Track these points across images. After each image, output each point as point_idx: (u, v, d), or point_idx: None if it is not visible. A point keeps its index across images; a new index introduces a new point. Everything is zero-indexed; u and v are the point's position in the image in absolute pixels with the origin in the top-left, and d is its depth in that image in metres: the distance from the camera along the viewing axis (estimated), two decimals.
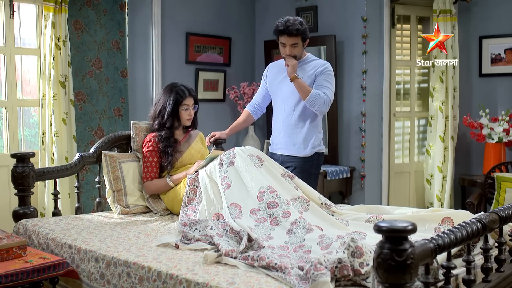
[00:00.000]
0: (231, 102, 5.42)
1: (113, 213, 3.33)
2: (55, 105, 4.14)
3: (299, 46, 3.56)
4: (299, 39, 3.53)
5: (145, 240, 2.67)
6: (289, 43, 3.52)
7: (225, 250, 2.31)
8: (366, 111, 4.96)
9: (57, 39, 4.12)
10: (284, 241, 2.54)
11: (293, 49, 3.55)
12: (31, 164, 3.16)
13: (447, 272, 1.93)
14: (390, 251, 1.59)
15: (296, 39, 3.52)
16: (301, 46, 3.59)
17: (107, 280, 2.44)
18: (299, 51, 3.58)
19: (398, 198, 5.11)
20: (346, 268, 1.97)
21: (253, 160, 3.04)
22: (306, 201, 2.89)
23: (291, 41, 3.51)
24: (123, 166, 3.39)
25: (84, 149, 4.49)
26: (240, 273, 2.14)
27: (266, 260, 2.15)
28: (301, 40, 3.55)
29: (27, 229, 2.97)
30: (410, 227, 1.60)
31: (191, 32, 5.10)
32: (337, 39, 5.01)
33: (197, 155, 3.47)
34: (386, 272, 1.59)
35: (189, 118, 3.43)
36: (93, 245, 2.60)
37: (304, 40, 3.57)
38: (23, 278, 2.41)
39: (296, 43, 3.53)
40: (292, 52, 3.56)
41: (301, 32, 3.52)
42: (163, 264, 2.27)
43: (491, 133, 4.72)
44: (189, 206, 3.05)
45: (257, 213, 2.77)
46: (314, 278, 1.90)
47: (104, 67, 4.64)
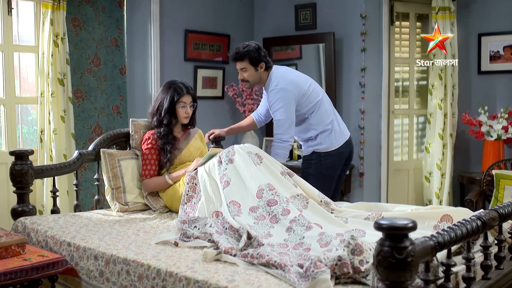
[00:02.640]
0: (230, 99, 5.41)
1: (112, 210, 3.33)
2: (53, 103, 4.12)
3: (248, 70, 3.60)
4: (245, 63, 3.58)
5: (144, 238, 2.66)
6: (238, 67, 3.65)
7: (224, 247, 2.31)
8: (365, 109, 4.95)
9: (55, 36, 4.10)
10: (283, 239, 2.54)
11: (243, 73, 3.64)
12: (30, 161, 3.15)
13: (447, 270, 1.93)
14: (390, 249, 1.59)
15: (242, 63, 3.60)
16: (253, 70, 3.60)
17: (106, 278, 2.44)
18: (249, 76, 3.62)
19: (397, 196, 5.11)
20: (346, 265, 1.97)
21: (252, 158, 3.04)
22: (306, 199, 2.89)
23: (239, 66, 3.63)
24: (122, 163, 3.38)
25: (83, 146, 4.48)
26: (240, 271, 2.13)
27: (266, 257, 2.15)
28: (249, 63, 3.58)
29: (25, 226, 2.96)
30: (411, 224, 1.60)
31: (189, 29, 5.09)
32: (336, 36, 5.01)
33: (196, 153, 3.47)
34: (386, 270, 1.59)
35: (186, 116, 3.42)
36: (92, 243, 2.60)
37: (252, 63, 3.58)
38: (22, 276, 2.41)
39: (244, 67, 3.60)
40: (243, 76, 3.64)
41: (242, 55, 3.57)
42: (162, 261, 2.26)
43: (490, 130, 4.72)
44: (188, 204, 3.04)
45: (257, 211, 2.76)
46: (314, 275, 1.90)
47: (103, 64, 4.62)
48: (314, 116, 3.62)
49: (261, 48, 3.64)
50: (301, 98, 3.57)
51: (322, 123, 3.63)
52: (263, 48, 3.67)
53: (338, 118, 3.78)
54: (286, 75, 3.64)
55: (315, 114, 3.62)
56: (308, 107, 3.60)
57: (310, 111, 3.61)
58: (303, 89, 3.59)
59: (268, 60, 3.66)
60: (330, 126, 3.64)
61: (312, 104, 3.61)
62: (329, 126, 3.63)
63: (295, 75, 3.74)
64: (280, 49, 5.50)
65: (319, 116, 3.63)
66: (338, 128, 3.69)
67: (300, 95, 3.57)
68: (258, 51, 3.58)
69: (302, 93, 3.58)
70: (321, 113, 3.63)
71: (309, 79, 3.72)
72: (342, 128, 3.74)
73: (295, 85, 3.57)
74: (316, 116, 3.62)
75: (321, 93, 3.71)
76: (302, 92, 3.58)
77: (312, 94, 3.62)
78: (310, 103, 3.60)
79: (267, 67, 3.63)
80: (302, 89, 3.59)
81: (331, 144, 3.63)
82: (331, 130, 3.64)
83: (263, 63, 3.60)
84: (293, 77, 3.64)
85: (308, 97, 3.60)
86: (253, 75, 3.62)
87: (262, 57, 3.60)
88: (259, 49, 3.60)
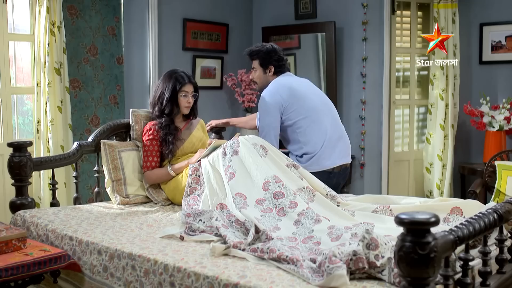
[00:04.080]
0: (229, 89, 5.33)
1: (112, 203, 3.26)
2: (50, 93, 4.03)
3: (257, 71, 3.53)
4: (256, 63, 3.53)
5: (148, 232, 2.60)
6: (251, 67, 3.58)
7: (233, 242, 2.25)
8: (366, 99, 4.90)
9: (51, 25, 4.00)
10: (292, 232, 2.48)
11: (252, 73, 3.59)
12: (28, 153, 3.06)
13: (464, 264, 1.88)
14: (412, 244, 1.54)
15: (253, 62, 3.54)
16: (261, 72, 3.52)
17: (110, 273, 2.37)
18: (257, 77, 3.55)
19: (397, 187, 5.07)
20: (361, 260, 1.92)
21: (258, 149, 2.97)
22: (312, 192, 2.83)
23: (252, 64, 3.56)
24: (122, 155, 3.31)
25: (80, 137, 4.40)
26: (250, 266, 2.08)
27: (277, 252, 2.09)
28: (258, 64, 3.51)
29: (25, 220, 2.88)
30: (433, 219, 1.55)
31: (188, 18, 4.99)
32: (337, 25, 4.93)
33: (199, 144, 3.40)
34: (408, 266, 1.54)
35: (187, 106, 3.35)
36: (95, 237, 2.53)
37: (261, 64, 3.50)
38: (24, 271, 2.34)
39: (254, 67, 3.54)
40: (252, 76, 3.60)
41: (252, 54, 3.51)
42: (169, 256, 2.20)
43: (492, 121, 4.68)
44: (191, 196, 2.98)
45: (263, 203, 2.70)
46: (330, 271, 1.84)
47: (100, 53, 4.53)
48: (302, 133, 3.37)
49: (277, 52, 3.50)
50: (286, 106, 3.36)
51: (309, 145, 3.36)
52: (280, 53, 3.51)
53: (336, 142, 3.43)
54: (280, 82, 3.45)
55: (304, 131, 3.37)
56: (296, 119, 3.36)
57: (298, 126, 3.37)
58: (291, 98, 3.37)
59: (281, 65, 3.50)
60: (319, 150, 3.35)
61: (301, 118, 3.36)
62: (317, 150, 3.35)
63: (291, 83, 3.47)
64: (279, 39, 5.41)
65: (308, 134, 3.36)
66: (329, 154, 3.37)
67: (286, 103, 3.36)
68: (269, 54, 3.48)
69: (288, 102, 3.36)
70: (313, 131, 3.36)
71: (307, 91, 3.46)
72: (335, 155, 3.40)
73: (282, 93, 3.37)
74: (304, 134, 3.37)
75: (318, 110, 3.41)
76: (289, 101, 3.36)
77: (302, 107, 3.37)
78: (299, 116, 3.36)
79: (276, 71, 3.50)
80: (289, 98, 3.37)
81: (318, 166, 3.34)
82: (319, 155, 3.35)
83: (273, 66, 3.49)
84: (290, 81, 3.46)
85: (297, 109, 3.36)
86: (260, 77, 3.54)
87: (273, 61, 3.48)
88: (272, 52, 3.48)
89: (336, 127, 3.47)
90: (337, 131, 3.47)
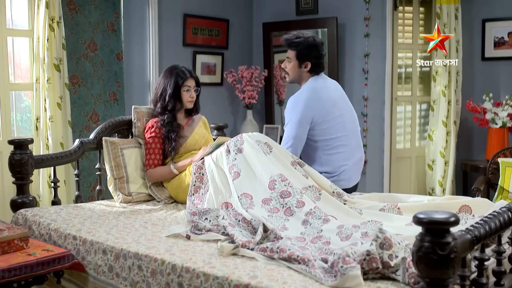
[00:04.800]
0: (229, 86, 5.28)
1: (114, 201, 3.21)
2: (49, 89, 3.96)
3: (291, 62, 3.26)
4: (292, 53, 3.24)
5: (153, 231, 2.55)
6: (286, 55, 3.29)
7: (241, 241, 2.20)
8: (368, 95, 4.86)
9: (51, 20, 3.93)
10: (300, 232, 2.43)
11: (286, 62, 3.30)
12: (30, 151, 3.01)
13: (480, 264, 1.85)
14: (431, 244, 1.50)
15: (289, 52, 3.26)
16: (296, 65, 3.24)
17: (116, 273, 2.32)
18: (290, 68, 3.27)
19: (399, 184, 5.04)
20: (375, 260, 1.88)
21: (262, 147, 2.92)
22: (318, 190, 2.79)
23: (287, 54, 3.28)
24: (124, 152, 3.26)
25: (79, 134, 4.34)
26: (260, 266, 2.03)
27: (287, 252, 2.05)
28: (295, 56, 3.22)
29: (27, 219, 2.83)
30: (453, 218, 1.51)
31: (188, 13, 4.93)
32: (339, 21, 4.89)
33: (202, 141, 3.35)
34: (427, 267, 1.50)
35: (190, 100, 3.30)
36: (99, 236, 2.48)
37: (298, 57, 3.22)
38: (27, 272, 2.28)
39: (289, 57, 3.26)
40: (285, 65, 3.31)
41: (291, 44, 3.22)
42: (177, 256, 2.15)
43: (495, 118, 4.65)
44: (195, 195, 2.93)
45: (269, 203, 2.66)
46: (343, 271, 1.80)
47: (99, 49, 4.46)
48: (326, 152, 3.19)
49: (318, 48, 3.23)
50: (318, 123, 3.15)
51: (331, 165, 3.19)
52: (320, 49, 3.25)
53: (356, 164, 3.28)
54: (316, 91, 3.20)
55: (328, 151, 3.19)
56: (323, 138, 3.17)
57: (324, 144, 3.18)
58: (325, 114, 3.15)
59: (318, 63, 3.24)
60: (339, 172, 3.18)
61: (330, 137, 3.17)
62: (338, 172, 3.18)
63: (328, 94, 3.22)
64: (279, 35, 5.36)
65: (332, 155, 3.19)
66: (347, 177, 3.22)
67: (320, 119, 3.14)
68: (310, 48, 3.20)
69: (322, 118, 3.14)
70: (337, 153, 3.18)
71: (340, 104, 3.24)
72: (354, 177, 3.27)
73: (318, 107, 3.14)
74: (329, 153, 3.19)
75: (347, 130, 3.21)
76: (322, 118, 3.14)
77: (333, 127, 3.16)
78: (327, 135, 3.17)
79: (312, 69, 3.24)
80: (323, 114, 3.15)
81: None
82: (338, 176, 3.17)
83: (310, 63, 3.22)
84: (324, 96, 3.19)
85: (327, 128, 3.16)
86: (294, 70, 3.26)
87: (311, 57, 3.21)
88: (313, 47, 3.21)
89: (358, 149, 3.30)
90: (359, 152, 3.31)
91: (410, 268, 1.83)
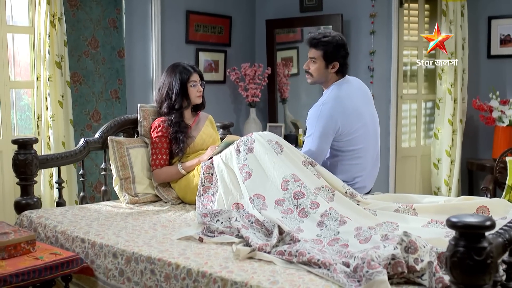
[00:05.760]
0: (232, 83, 5.21)
1: (120, 202, 3.14)
2: (50, 87, 3.87)
3: (317, 62, 3.05)
4: (318, 53, 3.03)
5: (163, 233, 2.48)
6: (309, 55, 3.09)
7: (258, 244, 2.13)
8: (374, 93, 4.78)
9: (52, 16, 3.84)
10: (316, 234, 2.37)
11: (310, 63, 3.09)
12: (34, 150, 2.92)
13: (509, 268, 1.79)
14: (467, 250, 1.44)
15: (314, 52, 3.05)
16: (322, 66, 3.04)
17: (127, 278, 2.25)
18: (315, 70, 3.07)
19: (404, 183, 4.98)
20: (400, 264, 1.81)
21: (273, 146, 2.85)
22: (331, 191, 2.72)
23: (311, 54, 3.08)
24: (131, 152, 3.18)
25: (81, 133, 4.25)
26: (279, 270, 1.96)
27: (307, 255, 1.98)
28: (321, 56, 3.03)
29: (32, 221, 2.75)
30: (488, 222, 1.44)
31: (191, 10, 4.84)
32: (344, 18, 4.82)
33: (209, 140, 3.28)
34: (463, 273, 1.44)
35: (199, 95, 3.24)
36: (108, 239, 2.40)
37: (325, 57, 3.02)
38: (35, 276, 2.21)
39: (314, 57, 3.06)
40: (308, 67, 3.10)
41: (318, 43, 3.02)
42: (191, 260, 2.08)
43: (502, 116, 4.60)
44: (204, 195, 2.86)
45: (283, 204, 2.58)
46: (369, 276, 1.74)
47: (101, 46, 4.37)
48: (345, 163, 3.06)
49: (345, 46, 3.08)
50: (343, 134, 3.00)
51: (347, 174, 3.06)
52: (347, 48, 3.10)
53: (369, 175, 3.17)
54: (343, 97, 3.03)
55: (347, 161, 3.07)
56: (345, 148, 3.04)
57: (344, 155, 3.06)
58: (349, 126, 3.00)
59: (345, 64, 3.09)
60: (353, 182, 3.06)
61: (351, 148, 3.04)
62: (352, 182, 3.06)
63: (354, 103, 3.06)
64: (282, 32, 5.30)
65: (350, 165, 3.07)
66: (361, 186, 3.11)
67: (344, 130, 3.00)
68: (338, 48, 3.03)
69: (346, 130, 3.00)
70: (356, 163, 3.07)
71: (365, 113, 3.08)
72: (368, 185, 3.18)
73: (343, 118, 2.98)
74: (347, 164, 3.07)
75: (369, 139, 3.09)
76: (347, 130, 3.00)
77: (356, 138, 3.03)
78: (350, 146, 3.03)
79: (339, 71, 3.08)
80: (348, 126, 3.00)
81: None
82: (353, 186, 3.01)
83: (338, 63, 3.05)
84: (348, 104, 3.02)
85: (350, 140, 3.02)
86: (320, 71, 3.06)
87: (340, 57, 3.04)
88: (341, 46, 3.05)
89: (376, 160, 3.20)
90: (377, 163, 3.22)
91: (437, 272, 1.77)
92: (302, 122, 5.11)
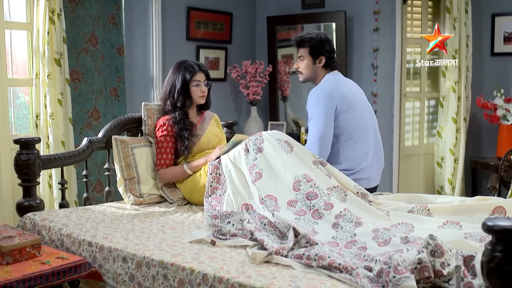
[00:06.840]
0: (233, 81, 5.13)
1: (125, 203, 3.05)
2: (50, 85, 3.77)
3: (305, 60, 3.18)
4: (305, 51, 3.18)
5: (173, 236, 2.40)
6: (297, 54, 3.24)
7: (275, 248, 2.06)
8: (377, 91, 4.74)
9: (51, 12, 3.73)
10: (331, 236, 2.30)
11: (298, 62, 3.24)
12: (37, 150, 2.83)
13: None
14: (505, 255, 1.38)
15: (302, 50, 3.20)
16: (310, 62, 3.18)
17: (138, 283, 2.17)
18: (304, 67, 3.20)
19: (407, 182, 4.93)
20: (427, 269, 1.75)
21: (283, 146, 2.77)
22: (343, 191, 2.65)
23: (298, 53, 3.23)
24: (135, 151, 3.09)
25: (80, 132, 4.16)
26: (298, 275, 1.89)
27: (327, 259, 1.91)
28: (308, 52, 3.17)
29: (35, 223, 2.66)
30: None
31: (192, 6, 4.76)
32: (347, 15, 4.75)
33: (215, 139, 3.20)
34: (501, 279, 1.39)
35: (201, 95, 3.15)
36: (117, 242, 2.32)
37: (311, 53, 3.16)
38: (42, 282, 2.12)
39: (302, 55, 3.20)
40: (297, 65, 3.24)
41: (302, 41, 3.17)
42: (206, 264, 2.01)
43: (506, 114, 4.56)
44: (212, 196, 2.78)
45: (295, 205, 2.51)
46: (397, 282, 1.67)
47: (100, 43, 4.28)
48: (346, 148, 3.06)
49: (330, 42, 3.21)
50: (342, 111, 3.04)
51: (350, 161, 3.07)
52: (332, 45, 3.23)
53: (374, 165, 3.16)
54: (338, 82, 3.16)
55: (348, 146, 3.06)
56: (345, 131, 3.06)
57: (345, 139, 3.07)
58: (347, 102, 3.05)
59: (332, 58, 3.19)
60: (358, 169, 3.07)
61: (351, 130, 3.06)
62: (356, 169, 3.06)
63: (347, 85, 3.20)
64: (283, 29, 5.22)
65: (351, 151, 3.07)
66: (367, 176, 3.11)
67: (343, 107, 3.04)
68: (322, 43, 3.16)
69: (344, 107, 3.04)
70: (355, 149, 3.07)
71: (360, 99, 3.17)
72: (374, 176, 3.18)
73: (338, 96, 3.04)
74: (348, 149, 3.07)
75: (367, 125, 3.13)
76: (345, 106, 3.04)
77: (354, 118, 3.06)
78: (349, 126, 3.05)
79: (327, 64, 3.18)
80: (346, 101, 3.05)
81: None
82: (357, 174, 3.05)
83: (324, 57, 3.15)
84: (344, 88, 3.12)
85: (349, 120, 3.05)
86: (308, 67, 3.18)
87: (325, 51, 3.16)
88: (325, 41, 3.17)
89: (378, 146, 3.21)
90: (379, 152, 3.23)
91: (465, 277, 1.71)
92: (303, 120, 5.05)
